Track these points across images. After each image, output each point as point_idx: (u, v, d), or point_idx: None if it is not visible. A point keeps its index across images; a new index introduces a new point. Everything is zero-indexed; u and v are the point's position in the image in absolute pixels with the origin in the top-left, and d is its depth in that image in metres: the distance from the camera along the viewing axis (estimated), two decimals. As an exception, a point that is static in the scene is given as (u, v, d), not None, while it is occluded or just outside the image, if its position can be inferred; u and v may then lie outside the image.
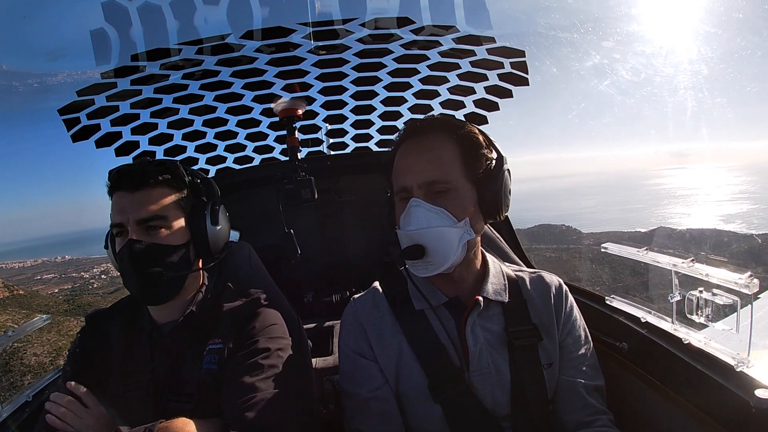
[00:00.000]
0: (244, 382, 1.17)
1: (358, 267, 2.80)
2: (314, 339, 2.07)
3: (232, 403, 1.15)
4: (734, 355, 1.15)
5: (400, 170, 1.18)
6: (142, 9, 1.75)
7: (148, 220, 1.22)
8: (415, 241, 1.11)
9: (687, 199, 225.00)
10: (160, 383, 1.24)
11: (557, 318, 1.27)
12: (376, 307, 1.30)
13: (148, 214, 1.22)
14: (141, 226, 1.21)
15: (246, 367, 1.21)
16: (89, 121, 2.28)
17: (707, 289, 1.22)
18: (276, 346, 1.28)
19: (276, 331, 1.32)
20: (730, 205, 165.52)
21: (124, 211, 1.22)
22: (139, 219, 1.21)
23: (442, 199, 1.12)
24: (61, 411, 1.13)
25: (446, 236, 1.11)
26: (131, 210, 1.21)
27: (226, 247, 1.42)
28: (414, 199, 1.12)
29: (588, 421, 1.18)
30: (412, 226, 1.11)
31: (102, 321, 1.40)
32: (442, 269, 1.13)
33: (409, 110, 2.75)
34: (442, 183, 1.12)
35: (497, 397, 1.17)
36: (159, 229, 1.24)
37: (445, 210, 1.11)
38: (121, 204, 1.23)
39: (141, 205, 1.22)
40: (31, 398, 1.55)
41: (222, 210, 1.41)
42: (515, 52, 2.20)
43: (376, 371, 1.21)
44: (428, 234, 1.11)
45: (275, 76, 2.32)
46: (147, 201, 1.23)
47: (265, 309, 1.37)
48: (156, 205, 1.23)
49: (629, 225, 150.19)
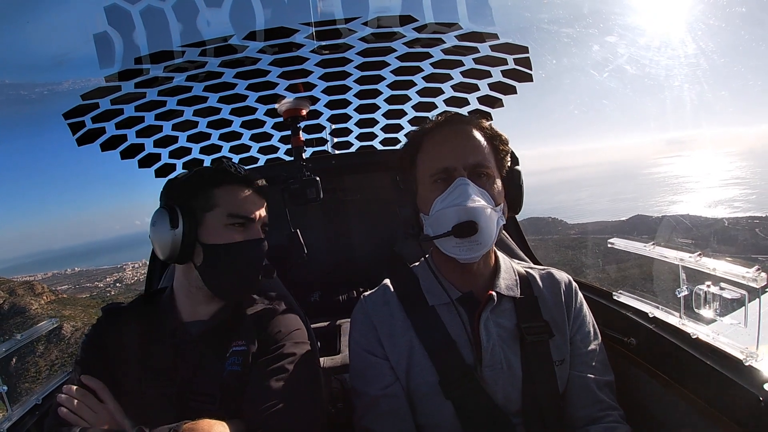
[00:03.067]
0: (270, 386, 1.17)
1: (364, 266, 2.80)
2: (321, 338, 2.07)
3: (257, 407, 1.15)
4: (743, 350, 1.14)
5: (439, 153, 1.19)
6: (144, 12, 1.76)
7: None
8: (470, 217, 1.11)
9: (678, 186, 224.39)
10: (182, 383, 1.23)
11: (567, 314, 1.27)
12: (387, 304, 1.30)
13: (265, 218, 1.45)
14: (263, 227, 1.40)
15: (272, 371, 1.21)
16: (94, 124, 2.29)
17: (715, 283, 1.22)
18: (301, 351, 1.28)
19: (300, 336, 1.34)
20: (718, 191, 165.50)
21: (252, 208, 1.36)
22: (263, 223, 1.40)
23: (484, 182, 1.16)
24: (74, 404, 1.11)
25: (491, 217, 1.14)
26: (259, 210, 1.38)
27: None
28: (462, 177, 1.14)
29: (599, 416, 1.18)
30: (467, 201, 1.11)
31: (119, 316, 1.38)
32: (485, 251, 1.15)
33: (413, 108, 2.75)
34: (485, 167, 1.17)
35: (508, 392, 1.17)
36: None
37: (487, 192, 1.15)
38: (252, 201, 1.37)
39: (263, 208, 1.43)
40: (41, 401, 1.56)
41: None
42: (518, 48, 2.19)
43: (387, 369, 1.22)
44: (481, 211, 1.11)
45: (279, 76, 2.32)
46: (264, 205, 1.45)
47: (287, 313, 1.38)
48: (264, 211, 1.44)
49: (615, 215, 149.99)
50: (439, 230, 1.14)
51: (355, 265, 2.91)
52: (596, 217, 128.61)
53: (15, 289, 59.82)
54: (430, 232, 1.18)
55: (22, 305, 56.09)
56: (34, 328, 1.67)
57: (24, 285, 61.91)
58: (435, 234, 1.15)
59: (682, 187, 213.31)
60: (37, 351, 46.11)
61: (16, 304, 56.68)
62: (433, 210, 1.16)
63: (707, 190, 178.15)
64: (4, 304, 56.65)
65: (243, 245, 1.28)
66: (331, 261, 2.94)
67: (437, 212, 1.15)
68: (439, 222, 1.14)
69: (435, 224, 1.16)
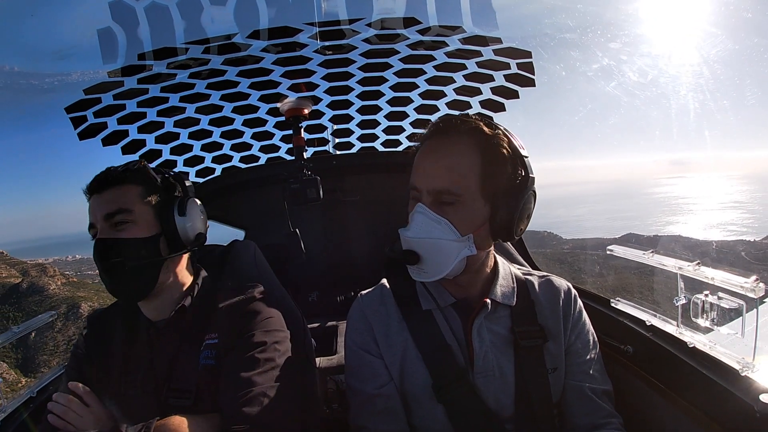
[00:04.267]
0: (241, 376, 1.17)
1: (363, 266, 2.80)
2: (318, 338, 2.07)
3: (230, 398, 1.15)
4: (739, 360, 1.14)
5: (416, 169, 1.15)
6: (149, 9, 1.76)
7: (114, 214, 1.23)
8: (411, 248, 1.11)
9: (677, 208, 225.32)
10: (159, 380, 1.24)
11: (565, 322, 1.26)
12: (383, 304, 1.29)
13: (112, 208, 1.23)
14: (108, 222, 1.23)
15: (243, 361, 1.21)
16: (96, 119, 2.30)
17: (713, 293, 1.22)
18: (272, 339, 1.27)
19: (272, 324, 1.32)
20: (717, 213, 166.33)
21: (93, 212, 1.24)
22: (104, 214, 1.22)
23: (448, 209, 1.09)
24: (62, 410, 1.13)
25: (444, 249, 1.09)
26: (98, 209, 1.24)
27: (199, 237, 1.40)
28: (420, 204, 1.10)
29: (600, 424, 1.17)
30: (411, 232, 1.10)
31: (103, 321, 1.41)
32: (436, 278, 1.12)
33: (415, 110, 2.76)
34: (451, 194, 1.07)
35: (501, 398, 1.17)
36: (125, 223, 1.24)
37: (448, 222, 1.08)
38: (92, 206, 1.26)
39: (106, 202, 1.24)
40: (35, 394, 1.57)
41: (192, 202, 1.39)
42: (522, 53, 2.20)
43: (382, 368, 1.21)
44: (425, 243, 1.09)
45: (281, 75, 2.33)
46: (111, 198, 1.25)
47: (260, 303, 1.36)
48: (119, 200, 1.25)
49: (611, 233, 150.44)
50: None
51: (353, 265, 2.91)
52: (592, 233, 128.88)
53: (28, 270, 62.77)
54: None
55: (40, 285, 59.00)
56: (31, 320, 1.67)
57: (36, 267, 64.12)
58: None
59: (681, 209, 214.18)
60: (55, 327, 48.06)
61: (34, 283, 59.52)
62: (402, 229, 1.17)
63: (705, 212, 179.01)
64: (23, 283, 59.82)
65: (93, 254, 1.25)
66: (329, 261, 2.95)
67: (400, 231, 1.16)
68: (402, 243, 1.15)
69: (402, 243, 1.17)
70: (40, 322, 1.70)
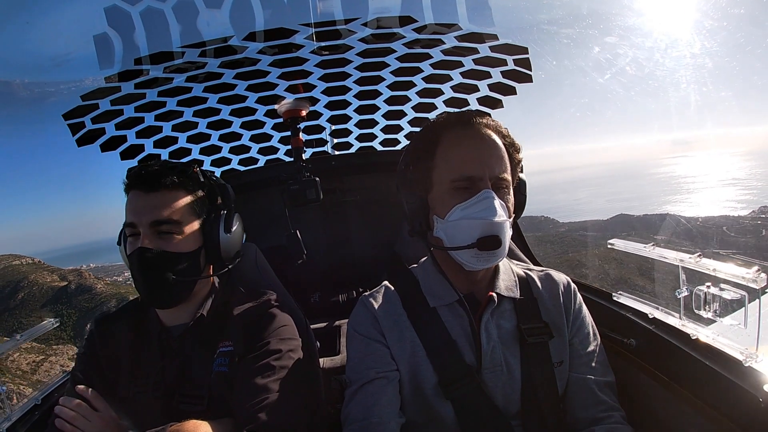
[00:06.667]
0: (256, 383, 1.18)
1: (364, 266, 2.80)
2: (321, 339, 2.07)
3: (245, 405, 1.15)
4: (742, 350, 1.14)
5: (464, 158, 1.15)
6: (144, 13, 1.76)
7: (161, 223, 1.21)
8: (495, 232, 1.11)
9: (677, 187, 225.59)
10: (170, 385, 1.25)
11: (566, 316, 1.26)
12: (388, 302, 1.29)
13: (161, 218, 1.21)
14: (153, 229, 1.21)
15: (258, 368, 1.21)
16: (94, 125, 2.29)
17: (715, 284, 1.21)
18: (287, 347, 1.28)
19: (287, 332, 1.33)
20: (716, 191, 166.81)
21: (137, 212, 1.22)
22: (152, 221, 1.21)
23: (503, 194, 1.16)
24: (70, 414, 1.12)
25: (509, 230, 1.16)
26: (145, 212, 1.21)
27: (237, 255, 1.41)
28: (488, 190, 1.12)
29: (601, 417, 1.18)
30: (494, 216, 1.10)
31: (110, 324, 1.40)
32: (497, 262, 1.20)
33: (413, 109, 2.75)
34: (506, 180, 1.16)
35: (508, 394, 1.17)
36: (171, 234, 1.23)
37: (506, 205, 1.15)
38: (136, 204, 1.23)
39: (155, 208, 1.22)
40: (40, 401, 1.56)
41: (237, 219, 1.40)
42: (518, 49, 2.20)
43: (389, 357, 1.20)
44: (505, 226, 1.13)
45: (278, 77, 2.32)
46: (161, 204, 1.22)
47: (275, 310, 1.36)
48: (169, 209, 1.23)
49: (608, 214, 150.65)
50: (456, 238, 1.14)
51: (354, 266, 2.91)
52: (589, 216, 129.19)
53: (66, 275, 70.85)
54: (443, 236, 1.17)
55: (87, 285, 69.25)
56: (33, 328, 1.67)
57: (73, 272, 72.13)
58: (451, 241, 1.16)
59: (680, 188, 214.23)
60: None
61: (81, 284, 69.43)
62: (452, 216, 1.14)
63: (703, 190, 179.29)
64: (71, 284, 69.41)
65: (129, 259, 1.23)
66: (330, 262, 2.94)
67: (458, 221, 1.13)
68: (459, 231, 1.13)
69: (452, 231, 1.15)
70: (42, 330, 1.70)
